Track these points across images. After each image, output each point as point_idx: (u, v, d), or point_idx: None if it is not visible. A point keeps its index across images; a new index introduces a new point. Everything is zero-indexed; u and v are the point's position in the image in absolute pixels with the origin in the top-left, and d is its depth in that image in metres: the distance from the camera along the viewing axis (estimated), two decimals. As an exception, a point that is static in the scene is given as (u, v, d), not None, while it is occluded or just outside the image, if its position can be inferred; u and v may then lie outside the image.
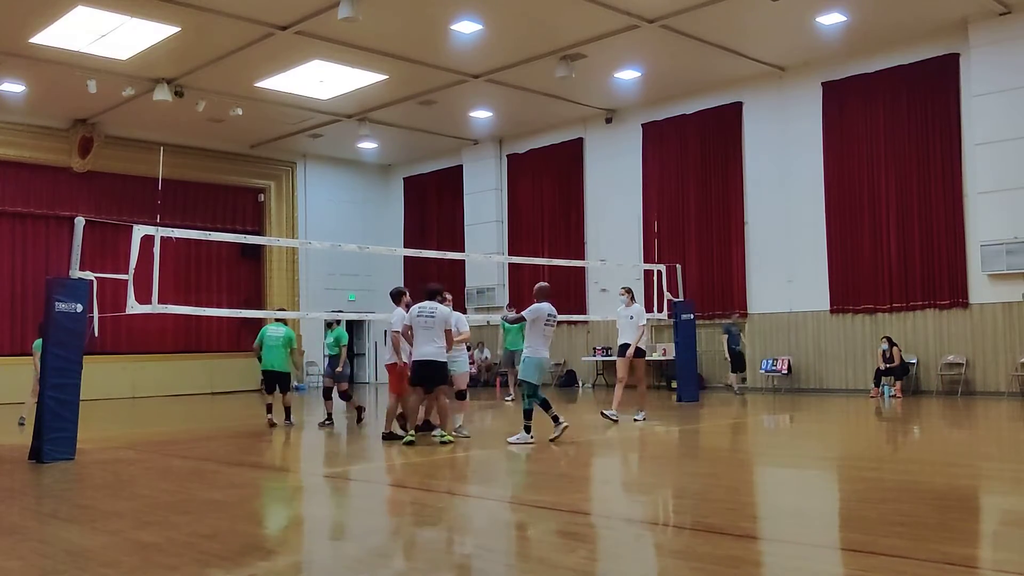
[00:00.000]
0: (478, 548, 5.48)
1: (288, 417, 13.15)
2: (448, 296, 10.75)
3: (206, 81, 17.79)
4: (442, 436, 10.12)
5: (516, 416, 10.83)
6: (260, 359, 13.24)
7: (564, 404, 16.47)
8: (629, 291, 13.00)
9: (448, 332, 10.15)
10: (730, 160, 19.00)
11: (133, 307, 10.10)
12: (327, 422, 12.91)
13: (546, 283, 10.87)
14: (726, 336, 17.65)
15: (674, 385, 17.07)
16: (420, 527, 6.26)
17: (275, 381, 13.24)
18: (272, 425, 12.85)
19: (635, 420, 12.25)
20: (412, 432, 10.19)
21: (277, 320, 13.84)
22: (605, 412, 12.41)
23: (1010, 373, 15.41)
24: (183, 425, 11.36)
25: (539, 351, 10.26)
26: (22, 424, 13.13)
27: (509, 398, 17.09)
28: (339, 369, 13.08)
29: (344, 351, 13.02)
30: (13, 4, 13.97)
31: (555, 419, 10.10)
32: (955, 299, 16.00)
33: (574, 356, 21.65)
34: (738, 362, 17.64)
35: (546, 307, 10.37)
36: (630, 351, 12.41)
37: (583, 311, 20.72)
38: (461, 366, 11.33)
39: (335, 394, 13.38)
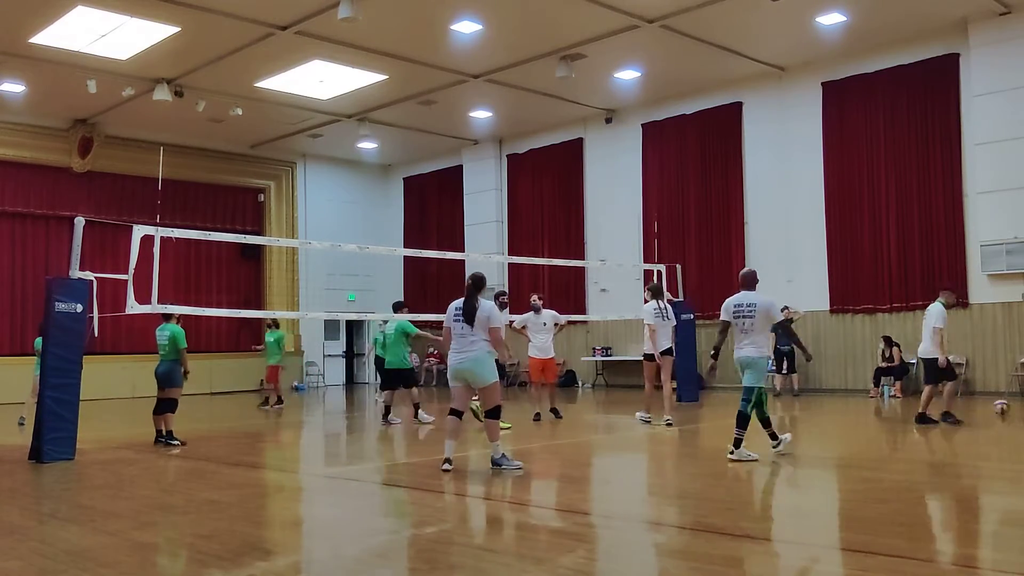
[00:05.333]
0: (477, 548, 5.48)
1: (416, 414, 12.75)
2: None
3: (206, 81, 17.79)
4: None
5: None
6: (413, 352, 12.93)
7: (564, 404, 16.49)
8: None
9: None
10: (730, 160, 19.00)
11: (133, 307, 10.09)
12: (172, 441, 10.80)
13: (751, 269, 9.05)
14: (773, 335, 16.65)
15: (674, 385, 17.02)
16: (419, 527, 6.26)
17: (394, 378, 12.86)
18: (388, 424, 12.62)
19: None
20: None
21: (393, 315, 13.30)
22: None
23: (1010, 373, 15.41)
24: (183, 425, 11.34)
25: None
26: (22, 424, 13.13)
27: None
28: (187, 372, 10.87)
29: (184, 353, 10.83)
30: (13, 4, 13.96)
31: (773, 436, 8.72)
32: (955, 299, 15.97)
33: (574, 356, 21.65)
34: (780, 361, 16.96)
35: (734, 298, 8.65)
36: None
37: (583, 311, 20.73)
38: None
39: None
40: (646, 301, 12.63)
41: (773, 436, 8.66)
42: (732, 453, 8.31)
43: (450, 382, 8.15)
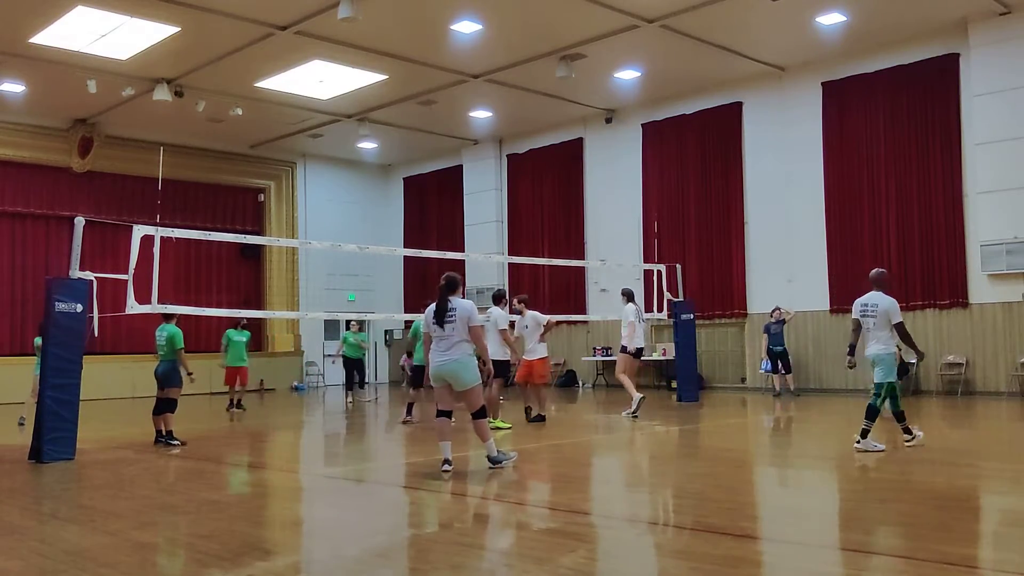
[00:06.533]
0: (478, 548, 5.48)
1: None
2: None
3: (206, 81, 17.79)
4: (492, 422, 11.13)
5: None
6: (411, 354, 13.19)
7: (564, 404, 16.51)
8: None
9: (503, 332, 11.57)
10: (730, 160, 19.00)
11: (133, 307, 10.09)
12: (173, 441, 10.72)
13: (881, 269, 9.52)
14: (765, 336, 17.11)
15: (674, 385, 17.05)
16: (419, 527, 6.25)
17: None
18: (406, 422, 12.65)
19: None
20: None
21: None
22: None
23: (1010, 373, 15.41)
24: (183, 425, 11.34)
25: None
26: (22, 424, 13.13)
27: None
28: (191, 374, 10.80)
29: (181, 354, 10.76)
30: (13, 4, 13.97)
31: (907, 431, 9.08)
32: (955, 299, 15.99)
33: (574, 356, 21.65)
34: (775, 362, 16.98)
35: (862, 298, 9.21)
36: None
37: (583, 311, 20.73)
38: None
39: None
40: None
41: (907, 431, 9.00)
42: (859, 443, 8.77)
43: (432, 383, 8.11)
